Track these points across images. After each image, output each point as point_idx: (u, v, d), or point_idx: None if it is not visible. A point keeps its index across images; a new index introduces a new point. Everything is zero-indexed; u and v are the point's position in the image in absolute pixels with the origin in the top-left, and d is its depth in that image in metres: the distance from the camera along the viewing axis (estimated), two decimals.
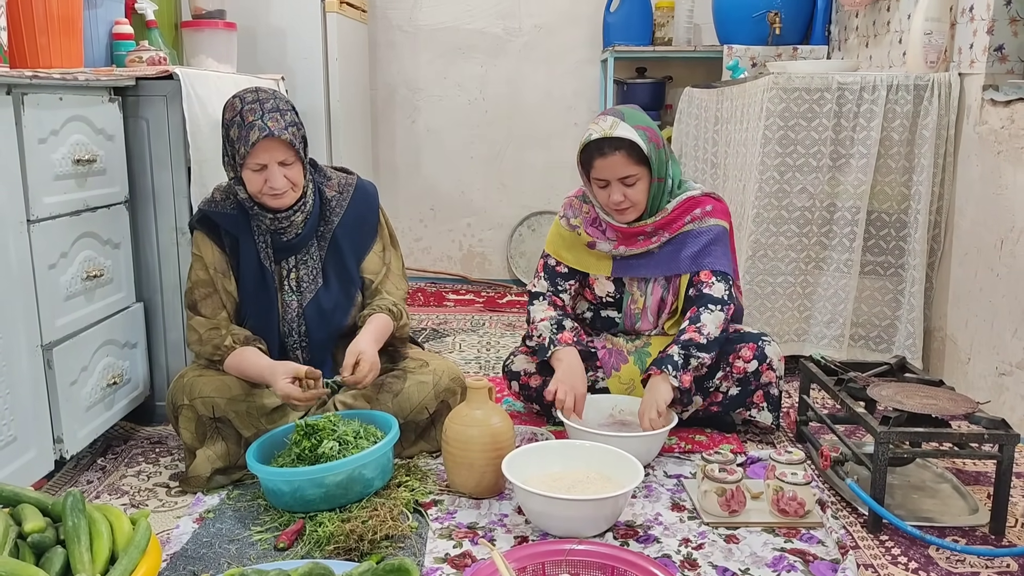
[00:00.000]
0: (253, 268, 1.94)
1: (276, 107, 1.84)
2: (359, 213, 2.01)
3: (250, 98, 1.84)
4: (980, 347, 2.26)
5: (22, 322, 1.66)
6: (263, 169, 1.82)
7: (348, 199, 2.00)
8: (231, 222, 1.92)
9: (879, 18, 2.92)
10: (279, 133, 1.80)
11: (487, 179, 4.06)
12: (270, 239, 1.94)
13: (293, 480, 1.67)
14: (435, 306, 3.63)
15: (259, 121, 1.79)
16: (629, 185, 2.01)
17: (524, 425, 2.19)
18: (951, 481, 1.86)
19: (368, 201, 2.03)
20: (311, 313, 1.96)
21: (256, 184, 1.84)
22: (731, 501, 1.68)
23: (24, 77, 1.63)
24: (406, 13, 3.91)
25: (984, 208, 2.26)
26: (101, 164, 1.94)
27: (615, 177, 2.00)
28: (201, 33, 2.71)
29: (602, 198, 2.06)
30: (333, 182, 2.01)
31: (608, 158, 1.99)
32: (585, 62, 3.92)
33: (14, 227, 1.63)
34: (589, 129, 2.03)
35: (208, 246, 1.93)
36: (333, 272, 1.99)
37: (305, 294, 1.97)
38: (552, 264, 2.21)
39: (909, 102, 2.41)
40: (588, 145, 2.01)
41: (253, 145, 1.79)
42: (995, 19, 2.22)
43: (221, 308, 1.92)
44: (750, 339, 2.10)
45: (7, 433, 1.61)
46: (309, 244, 1.96)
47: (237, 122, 1.82)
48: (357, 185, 2.03)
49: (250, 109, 1.82)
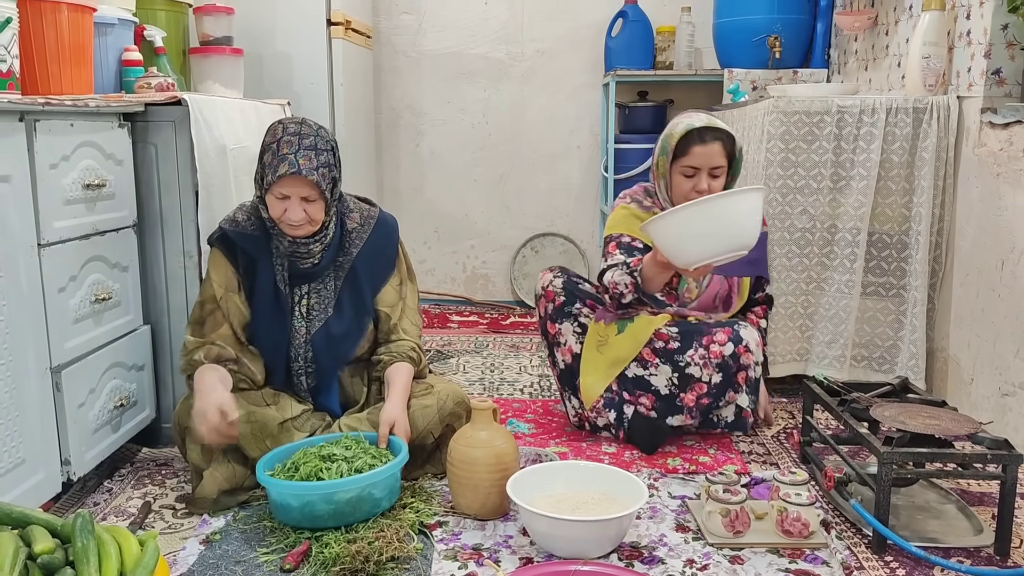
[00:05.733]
0: (268, 290, 1.96)
1: (314, 145, 1.85)
2: (378, 246, 2.03)
3: (292, 129, 1.87)
4: (983, 368, 2.27)
5: (32, 345, 1.68)
6: (285, 199, 1.85)
7: (369, 231, 2.02)
8: (251, 243, 1.94)
9: (878, 42, 2.95)
10: (307, 173, 1.82)
11: (490, 201, 4.09)
12: (287, 263, 1.95)
13: (304, 495, 1.68)
14: (439, 327, 3.64)
15: (292, 156, 1.82)
16: (714, 177, 2.14)
17: (529, 446, 2.20)
18: (956, 502, 1.86)
19: (388, 234, 2.06)
20: (318, 341, 1.97)
21: (276, 211, 1.87)
22: (735, 522, 1.69)
23: (36, 104, 1.66)
24: (410, 39, 3.96)
25: (984, 229, 2.28)
26: (110, 189, 1.96)
27: (709, 166, 2.13)
28: (208, 59, 2.75)
29: (684, 187, 2.16)
30: (355, 214, 2.02)
31: (709, 146, 2.12)
32: (587, 86, 3.96)
33: (25, 251, 1.65)
34: (680, 122, 2.16)
35: (222, 264, 1.95)
36: (348, 302, 2.00)
37: (314, 322, 1.97)
38: (627, 241, 2.24)
39: (908, 124, 2.43)
40: (691, 132, 2.13)
41: (279, 177, 1.82)
42: (992, 43, 2.25)
43: (223, 324, 1.93)
44: (726, 324, 2.19)
45: (16, 455, 1.62)
46: (325, 274, 1.98)
47: (272, 149, 1.85)
48: (379, 218, 2.05)
49: (287, 141, 1.84)
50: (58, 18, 1.98)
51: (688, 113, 2.21)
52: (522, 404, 2.59)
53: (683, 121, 2.17)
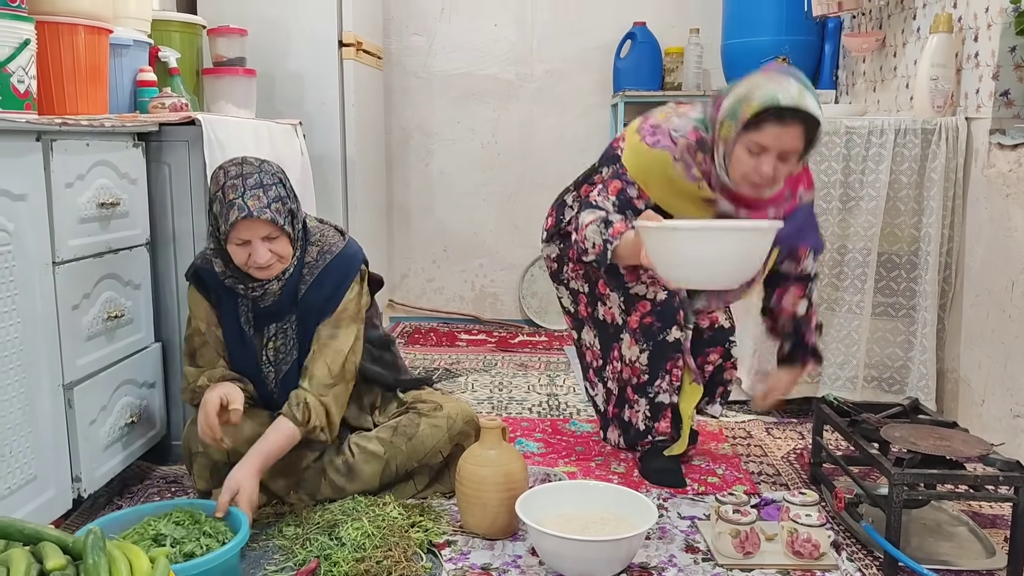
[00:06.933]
0: (235, 332, 1.90)
1: (260, 182, 1.75)
2: (333, 279, 1.87)
3: (233, 172, 1.76)
4: (994, 389, 2.25)
5: (45, 362, 1.69)
6: (246, 244, 1.76)
7: (323, 265, 1.87)
8: (217, 281, 1.87)
9: (886, 63, 2.97)
10: (259, 213, 1.72)
11: (499, 220, 4.10)
12: (251, 303, 1.88)
13: None
14: (447, 346, 3.65)
15: (239, 200, 1.72)
16: (783, 161, 1.80)
17: (537, 465, 2.20)
18: (967, 524, 1.85)
19: (343, 269, 1.88)
20: (288, 386, 1.89)
21: (240, 257, 1.77)
22: (745, 543, 1.68)
23: (53, 124, 1.69)
24: (421, 60, 4.00)
25: (994, 250, 2.28)
26: (124, 207, 1.98)
27: (780, 149, 1.78)
28: (222, 80, 2.79)
29: (746, 166, 1.82)
30: (314, 247, 1.89)
31: (788, 128, 1.76)
32: (596, 106, 3.98)
33: (40, 269, 1.67)
34: (763, 87, 1.77)
35: (199, 300, 1.92)
36: (306, 342, 1.89)
37: (281, 367, 1.91)
38: (631, 195, 1.97)
39: (917, 145, 2.44)
40: (769, 109, 1.75)
41: (233, 224, 1.72)
42: (1000, 65, 2.25)
43: (218, 358, 1.91)
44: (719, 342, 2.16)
45: (27, 471, 1.63)
46: (290, 313, 1.88)
47: (219, 198, 1.75)
48: (340, 252, 1.90)
49: (231, 186, 1.74)
50: (75, 40, 2.01)
51: (776, 73, 1.81)
52: (531, 423, 2.58)
53: (767, 87, 1.76)
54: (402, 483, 1.97)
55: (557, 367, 3.28)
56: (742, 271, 1.74)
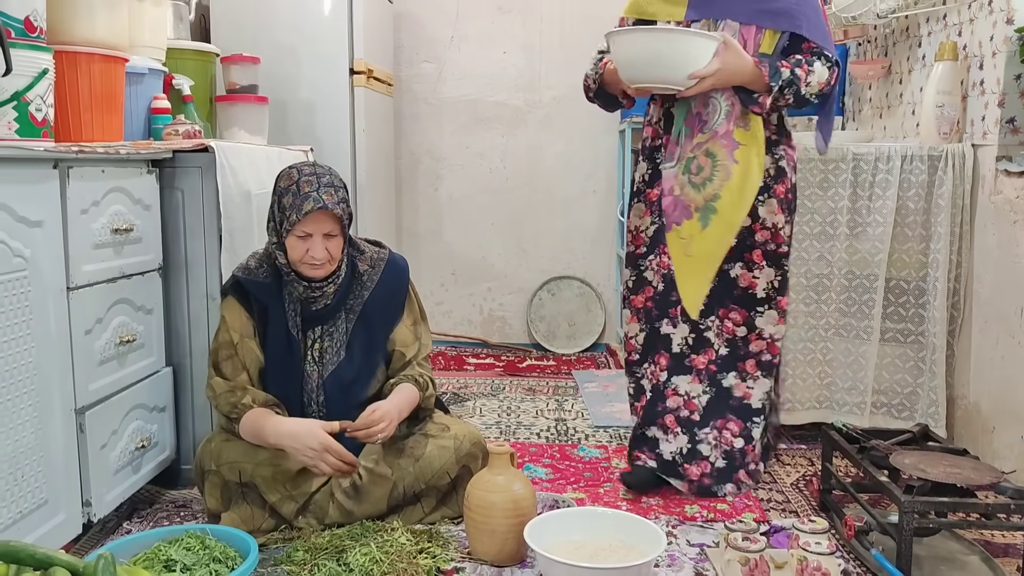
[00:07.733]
0: (281, 336, 1.98)
1: (331, 183, 1.92)
2: (391, 287, 2.05)
3: (307, 171, 1.93)
4: (1004, 415, 2.25)
5: (57, 386, 1.70)
6: (308, 237, 1.88)
7: (380, 273, 2.04)
8: (263, 290, 1.97)
9: (892, 90, 2.99)
10: (332, 207, 1.87)
11: (507, 245, 4.12)
12: (299, 307, 1.98)
13: None
14: (455, 370, 3.65)
15: (315, 193, 1.87)
16: None
17: (546, 491, 2.19)
18: (979, 552, 1.83)
19: (399, 275, 2.07)
20: (331, 385, 1.99)
21: (298, 252, 1.90)
22: (755, 571, 1.67)
23: (70, 152, 1.71)
24: (430, 86, 4.04)
25: (1002, 276, 2.28)
26: (137, 233, 2.01)
27: None
28: (234, 107, 2.82)
29: None
30: (366, 256, 2.05)
31: None
32: (603, 132, 4.01)
33: (54, 294, 1.69)
34: None
35: (237, 311, 1.97)
36: (359, 344, 2.01)
37: (327, 366, 1.99)
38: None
39: (924, 172, 2.45)
40: None
41: (306, 214, 1.86)
42: (1005, 92, 2.27)
43: (241, 371, 1.95)
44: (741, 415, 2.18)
45: (39, 496, 1.64)
46: (337, 316, 2.00)
47: (292, 191, 1.89)
48: (389, 259, 2.07)
49: (307, 181, 1.90)
50: (92, 68, 2.04)
51: None
52: (539, 448, 2.58)
53: None
54: (410, 506, 1.98)
55: (565, 392, 3.28)
56: (679, 71, 1.94)
